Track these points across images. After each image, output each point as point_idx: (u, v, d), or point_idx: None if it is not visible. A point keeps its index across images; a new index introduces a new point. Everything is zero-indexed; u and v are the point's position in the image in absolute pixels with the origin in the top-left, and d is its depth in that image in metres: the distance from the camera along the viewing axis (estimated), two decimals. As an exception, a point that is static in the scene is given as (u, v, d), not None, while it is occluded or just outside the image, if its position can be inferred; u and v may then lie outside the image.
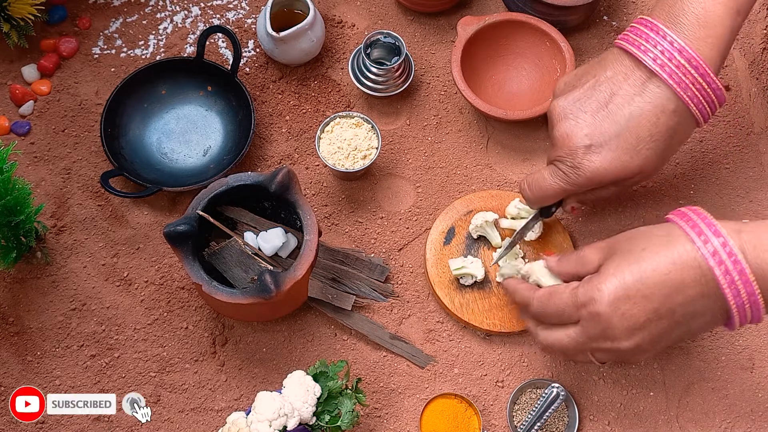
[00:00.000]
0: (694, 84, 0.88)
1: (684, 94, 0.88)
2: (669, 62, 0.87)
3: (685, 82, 0.87)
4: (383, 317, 1.04)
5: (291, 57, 1.14)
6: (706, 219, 0.81)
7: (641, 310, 0.80)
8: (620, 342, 0.82)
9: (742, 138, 1.15)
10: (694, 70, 0.87)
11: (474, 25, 1.13)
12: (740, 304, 0.79)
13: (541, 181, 0.95)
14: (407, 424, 0.99)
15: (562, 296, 0.85)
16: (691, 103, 0.88)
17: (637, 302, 0.80)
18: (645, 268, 0.80)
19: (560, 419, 0.99)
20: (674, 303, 0.80)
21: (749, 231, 0.79)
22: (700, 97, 0.88)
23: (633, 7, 1.23)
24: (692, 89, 0.88)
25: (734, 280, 0.78)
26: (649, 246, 0.82)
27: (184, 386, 1.01)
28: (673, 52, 0.87)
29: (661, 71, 0.88)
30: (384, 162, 1.13)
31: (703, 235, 0.79)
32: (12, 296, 1.04)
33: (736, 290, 0.78)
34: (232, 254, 0.98)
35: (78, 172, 1.11)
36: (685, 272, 0.79)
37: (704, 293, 0.79)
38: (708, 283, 0.79)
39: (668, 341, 0.83)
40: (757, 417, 1.01)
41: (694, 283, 0.79)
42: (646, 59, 0.88)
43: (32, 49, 1.17)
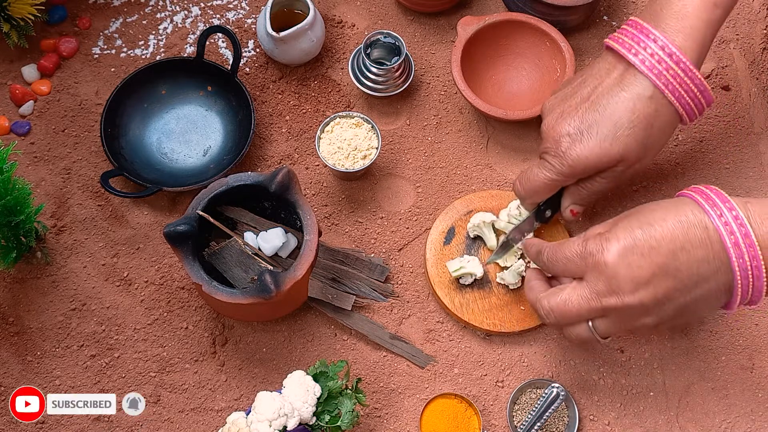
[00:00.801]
0: (668, 71, 0.91)
1: (658, 81, 0.91)
2: (643, 51, 0.91)
3: (659, 70, 0.91)
4: (383, 317, 1.04)
5: (291, 57, 1.14)
6: (716, 191, 0.84)
7: (648, 263, 0.82)
8: (625, 296, 0.83)
9: (742, 138, 1.15)
10: (668, 58, 0.91)
11: (474, 25, 1.13)
12: (743, 267, 0.81)
13: (530, 174, 0.98)
14: (407, 424, 1.00)
15: (571, 245, 0.87)
16: (666, 90, 0.91)
17: (645, 254, 0.82)
18: (654, 225, 0.83)
19: (560, 419, 0.99)
20: (680, 262, 0.81)
21: (756, 202, 0.83)
22: (675, 83, 0.91)
23: (633, 7, 1.23)
24: (666, 76, 0.91)
25: (739, 242, 0.80)
26: (659, 209, 0.85)
27: (184, 386, 1.01)
28: (648, 42, 0.91)
29: (635, 59, 0.92)
30: (384, 162, 1.13)
31: (710, 201, 0.83)
32: (12, 296, 1.04)
33: (740, 252, 0.81)
34: (232, 254, 0.98)
35: (78, 172, 1.11)
36: (691, 232, 0.82)
37: (709, 256, 0.81)
38: (713, 245, 0.81)
39: (673, 308, 0.84)
40: (757, 417, 1.01)
41: (699, 244, 0.81)
42: (622, 51, 0.93)
43: (32, 49, 1.17)
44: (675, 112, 0.93)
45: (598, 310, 0.85)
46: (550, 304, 0.88)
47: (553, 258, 0.89)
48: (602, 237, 0.85)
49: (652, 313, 0.84)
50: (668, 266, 0.82)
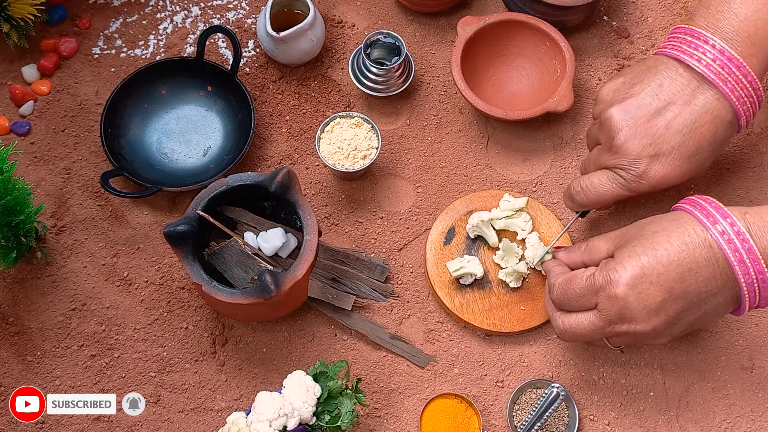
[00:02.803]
0: (744, 90, 0.92)
1: (736, 101, 0.92)
2: (722, 70, 0.91)
3: (738, 90, 0.91)
4: (383, 317, 1.04)
5: (291, 57, 1.14)
6: (713, 203, 0.85)
7: (658, 290, 0.83)
8: (637, 324, 0.85)
9: (742, 138, 1.15)
10: (744, 78, 0.91)
11: (474, 25, 1.13)
12: (750, 282, 0.82)
13: (599, 186, 0.97)
14: (407, 424, 0.99)
15: (580, 282, 0.88)
16: (741, 110, 0.93)
17: (654, 282, 0.83)
18: (659, 250, 0.84)
19: (560, 419, 0.99)
20: (688, 283, 0.83)
21: (754, 213, 0.83)
22: (748, 104, 0.93)
23: (633, 7, 1.23)
24: (743, 96, 0.92)
25: (743, 259, 0.82)
26: (660, 230, 0.85)
27: (184, 386, 1.01)
28: (724, 60, 0.91)
29: (718, 81, 0.91)
30: (384, 162, 1.13)
31: (712, 217, 0.83)
32: (12, 296, 1.04)
33: (746, 268, 0.82)
34: (232, 254, 0.98)
35: (78, 172, 1.11)
36: (696, 253, 0.83)
37: (715, 273, 0.83)
38: (719, 262, 0.82)
39: (683, 325, 0.86)
40: (757, 417, 1.01)
41: (705, 263, 0.83)
42: (698, 66, 0.92)
43: (32, 49, 1.17)
44: (738, 126, 0.95)
45: (610, 334, 0.88)
46: (564, 327, 0.90)
47: (563, 297, 0.90)
48: (608, 268, 0.85)
49: (665, 335, 0.86)
50: (677, 290, 0.83)
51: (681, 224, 0.84)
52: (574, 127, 1.15)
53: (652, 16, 1.22)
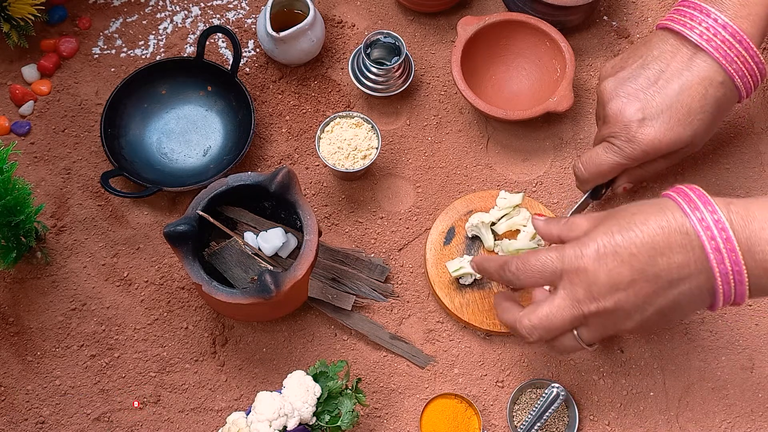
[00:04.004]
0: (739, 57, 0.93)
1: (729, 67, 0.93)
2: (714, 37, 0.93)
3: (731, 55, 0.93)
4: (383, 317, 1.04)
5: (291, 57, 1.14)
6: (698, 191, 0.83)
7: (627, 269, 0.81)
8: (605, 301, 0.82)
9: (742, 138, 1.15)
10: (738, 44, 0.92)
11: (474, 25, 1.13)
12: (724, 272, 0.79)
13: (595, 158, 0.99)
14: (407, 424, 1.00)
15: (547, 253, 0.85)
16: (736, 76, 0.94)
17: (625, 261, 0.81)
18: (633, 230, 0.81)
19: (560, 419, 0.99)
20: (660, 267, 0.80)
21: (739, 204, 0.81)
22: (744, 70, 0.94)
23: (633, 7, 1.23)
24: (737, 62, 0.93)
25: (720, 248, 0.79)
26: (639, 212, 0.83)
27: (184, 386, 1.01)
28: (718, 28, 0.93)
29: (707, 45, 0.93)
30: (384, 162, 1.13)
31: (693, 204, 0.81)
32: (12, 296, 1.04)
33: (721, 257, 0.79)
34: (232, 254, 0.98)
35: (78, 172, 1.11)
36: (672, 237, 0.80)
37: (689, 260, 0.80)
38: (694, 250, 0.80)
39: (654, 311, 0.83)
40: (757, 417, 1.01)
41: (680, 249, 0.80)
42: (692, 35, 0.94)
43: (32, 49, 1.17)
44: (738, 94, 0.95)
45: (580, 318, 0.84)
46: (532, 322, 0.85)
47: (524, 268, 0.86)
48: (580, 242, 0.83)
49: (634, 317, 0.83)
50: (647, 272, 0.81)
51: (661, 209, 0.82)
52: (574, 127, 1.15)
53: (652, 16, 1.22)
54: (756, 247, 0.79)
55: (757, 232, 0.79)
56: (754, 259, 0.79)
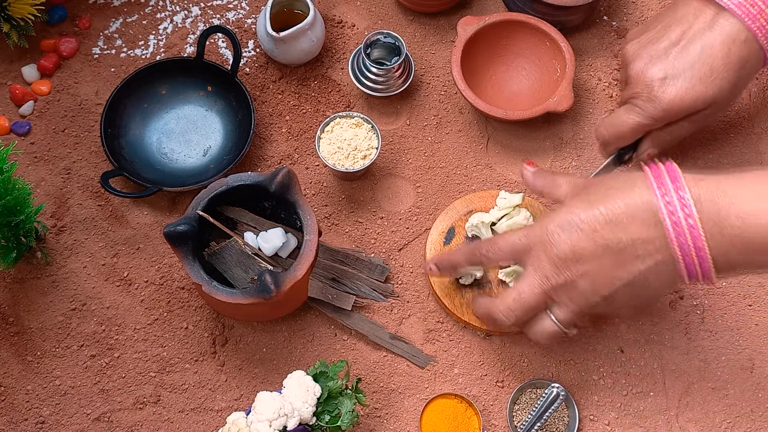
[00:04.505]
0: (761, 14, 0.92)
1: (753, 25, 0.92)
2: None
3: (753, 13, 0.92)
4: (383, 317, 1.04)
5: (291, 57, 1.14)
6: (671, 168, 0.83)
7: (591, 243, 0.83)
8: (570, 271, 0.84)
9: (742, 138, 1.15)
10: (760, 2, 0.91)
11: (474, 25, 1.13)
12: (685, 247, 0.80)
13: (616, 119, 0.99)
14: (407, 424, 1.00)
15: (515, 231, 0.89)
16: (760, 33, 0.92)
17: (588, 235, 0.83)
18: (599, 208, 0.83)
19: (560, 419, 0.99)
20: (621, 241, 0.82)
21: (710, 179, 0.82)
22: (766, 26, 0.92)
23: (633, 7, 1.23)
24: (760, 20, 0.92)
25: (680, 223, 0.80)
26: (612, 188, 0.84)
27: (184, 386, 1.01)
28: None
29: (729, 3, 0.92)
30: (384, 162, 1.13)
31: (661, 180, 0.82)
32: (12, 296, 1.04)
33: (682, 233, 0.80)
34: (232, 254, 0.98)
35: (78, 172, 1.11)
36: (635, 213, 0.82)
37: (651, 235, 0.81)
38: (656, 226, 0.81)
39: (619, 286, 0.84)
40: (757, 417, 1.01)
41: (641, 224, 0.81)
42: None
43: (32, 49, 1.17)
44: (763, 54, 0.94)
45: (549, 291, 0.86)
46: (506, 303, 0.88)
47: (493, 246, 0.90)
48: (546, 219, 0.86)
49: (601, 291, 0.84)
50: (610, 246, 0.82)
51: (631, 186, 0.83)
52: (574, 127, 1.15)
53: (652, 17, 1.22)
54: (724, 222, 0.79)
55: (726, 206, 0.79)
56: (722, 234, 0.79)
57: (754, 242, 0.79)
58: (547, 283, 0.85)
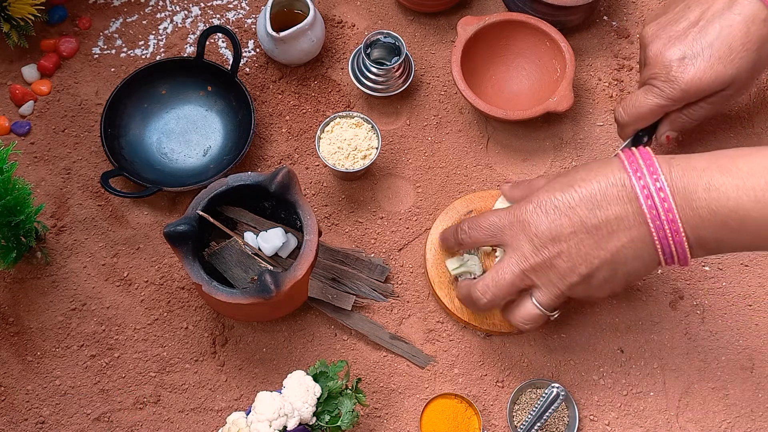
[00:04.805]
0: None
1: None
2: None
3: None
4: (383, 317, 1.04)
5: (291, 57, 1.14)
6: (645, 152, 0.84)
7: (568, 221, 0.84)
8: (547, 250, 0.85)
9: (742, 138, 1.15)
10: None
11: (474, 25, 1.13)
12: (657, 220, 0.81)
13: (635, 100, 0.99)
14: (407, 424, 1.00)
15: (496, 212, 0.90)
16: None
17: (564, 212, 0.84)
18: (574, 187, 0.85)
19: (560, 419, 0.99)
20: (597, 218, 0.83)
21: (680, 158, 0.83)
22: None
23: (633, 7, 1.23)
24: None
25: (652, 195, 0.81)
26: (585, 171, 0.86)
27: (184, 386, 1.01)
28: None
29: None
30: (384, 162, 1.13)
31: (634, 160, 0.83)
32: (12, 296, 1.04)
33: (654, 205, 0.81)
34: (232, 254, 0.98)
35: (78, 172, 1.11)
36: (609, 190, 0.83)
37: (627, 212, 0.82)
38: (631, 202, 0.82)
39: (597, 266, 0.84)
40: (757, 417, 1.01)
41: (616, 200, 0.83)
42: None
43: (32, 49, 1.17)
44: None
45: (528, 271, 0.87)
46: (484, 282, 0.89)
47: (475, 225, 0.91)
48: (525, 200, 0.87)
49: (579, 269, 0.85)
50: (586, 223, 0.83)
51: (603, 166, 0.85)
52: (574, 127, 1.15)
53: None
54: (693, 195, 0.80)
55: (695, 180, 0.81)
56: (691, 207, 0.80)
57: (720, 215, 0.80)
58: (525, 263, 0.87)
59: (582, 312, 1.05)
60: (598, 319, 1.04)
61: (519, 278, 0.88)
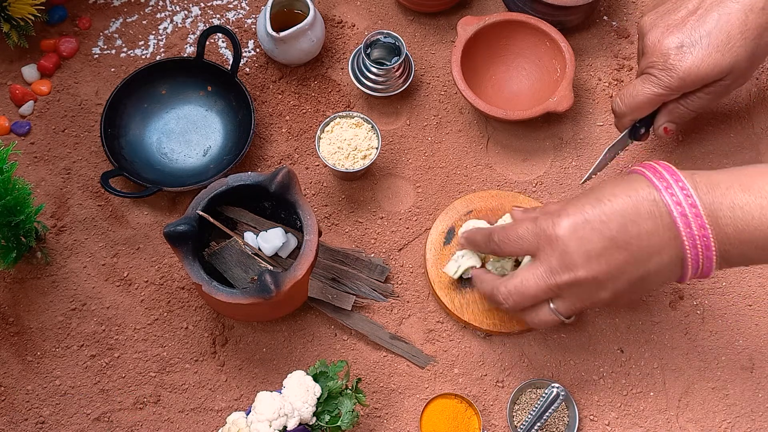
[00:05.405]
0: None
1: None
2: None
3: None
4: (383, 317, 1.04)
5: (291, 57, 1.14)
6: (664, 164, 0.84)
7: (599, 237, 0.82)
8: (578, 270, 0.83)
9: (742, 138, 1.15)
10: None
11: (474, 25, 1.13)
12: (691, 236, 0.81)
13: (632, 90, 0.98)
14: (407, 424, 1.00)
15: (523, 224, 0.88)
16: None
17: (595, 228, 0.82)
18: (603, 202, 0.83)
19: (560, 419, 0.99)
20: (630, 234, 0.82)
21: (701, 173, 0.83)
22: None
23: (633, 7, 1.23)
24: None
25: (686, 212, 0.81)
26: (609, 186, 0.85)
27: (184, 386, 1.01)
28: None
29: None
30: (384, 162, 1.13)
31: (659, 174, 0.83)
32: (12, 296, 1.04)
33: (688, 221, 0.81)
34: (232, 254, 0.98)
35: (78, 172, 1.11)
36: (640, 205, 0.82)
37: (658, 228, 0.82)
38: (662, 217, 0.81)
39: (626, 281, 0.84)
40: (757, 417, 1.01)
41: (648, 216, 0.82)
42: None
43: (32, 49, 1.17)
44: None
45: (554, 287, 0.85)
46: (508, 288, 0.88)
47: (505, 238, 0.89)
48: (553, 214, 0.86)
49: (607, 287, 0.84)
50: (618, 239, 0.82)
51: (629, 181, 0.84)
52: (574, 127, 1.15)
53: (652, 16, 1.22)
54: (719, 213, 0.80)
55: (720, 198, 0.81)
56: (717, 225, 0.81)
57: (746, 233, 0.80)
58: (551, 279, 0.85)
59: (582, 312, 1.05)
60: (598, 319, 1.05)
61: (544, 291, 0.86)
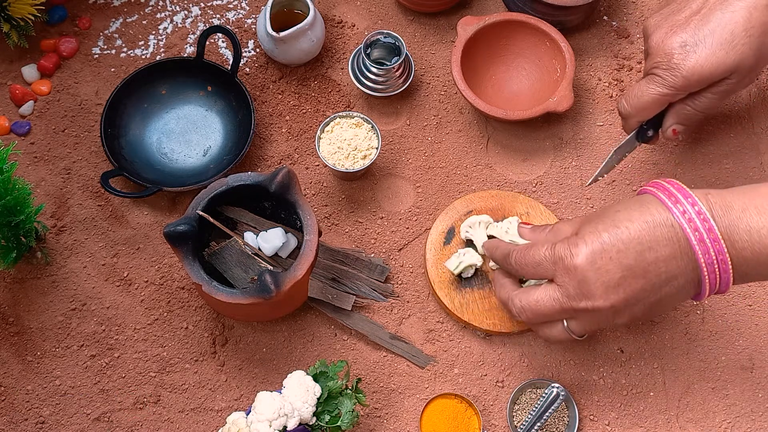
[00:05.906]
0: None
1: None
2: None
3: None
4: (383, 317, 1.04)
5: (291, 57, 1.14)
6: (676, 185, 0.84)
7: (617, 265, 0.82)
8: (596, 300, 0.83)
9: (742, 138, 1.15)
10: None
11: (474, 25, 1.13)
12: (710, 261, 0.81)
13: (637, 90, 0.97)
14: (407, 424, 1.00)
15: (540, 249, 0.87)
16: None
17: (613, 257, 0.82)
18: (620, 228, 0.83)
19: (560, 419, 0.99)
20: (648, 262, 0.81)
21: (716, 194, 0.83)
22: None
23: (633, 7, 1.23)
24: None
25: (704, 238, 0.80)
26: (623, 210, 0.84)
27: (184, 386, 1.01)
28: None
29: None
30: (384, 162, 1.13)
31: (673, 197, 0.82)
32: (12, 296, 1.04)
33: (706, 247, 0.80)
34: (232, 254, 0.98)
35: (78, 172, 1.11)
36: (657, 231, 0.82)
37: (676, 253, 0.81)
38: (680, 242, 0.81)
39: (643, 307, 0.84)
40: (757, 417, 1.01)
41: (666, 242, 0.81)
42: None
43: (32, 49, 1.17)
44: None
45: (569, 310, 0.85)
46: (522, 304, 0.88)
47: (522, 262, 0.89)
48: (570, 241, 0.85)
49: (624, 314, 0.84)
50: (636, 267, 0.82)
51: (643, 204, 0.84)
52: (574, 127, 1.15)
53: (652, 16, 1.22)
54: (735, 236, 0.80)
55: (735, 221, 0.80)
56: (734, 248, 0.80)
57: (763, 256, 0.80)
58: (567, 304, 0.85)
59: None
60: (598, 319, 1.05)
61: (558, 313, 0.86)
